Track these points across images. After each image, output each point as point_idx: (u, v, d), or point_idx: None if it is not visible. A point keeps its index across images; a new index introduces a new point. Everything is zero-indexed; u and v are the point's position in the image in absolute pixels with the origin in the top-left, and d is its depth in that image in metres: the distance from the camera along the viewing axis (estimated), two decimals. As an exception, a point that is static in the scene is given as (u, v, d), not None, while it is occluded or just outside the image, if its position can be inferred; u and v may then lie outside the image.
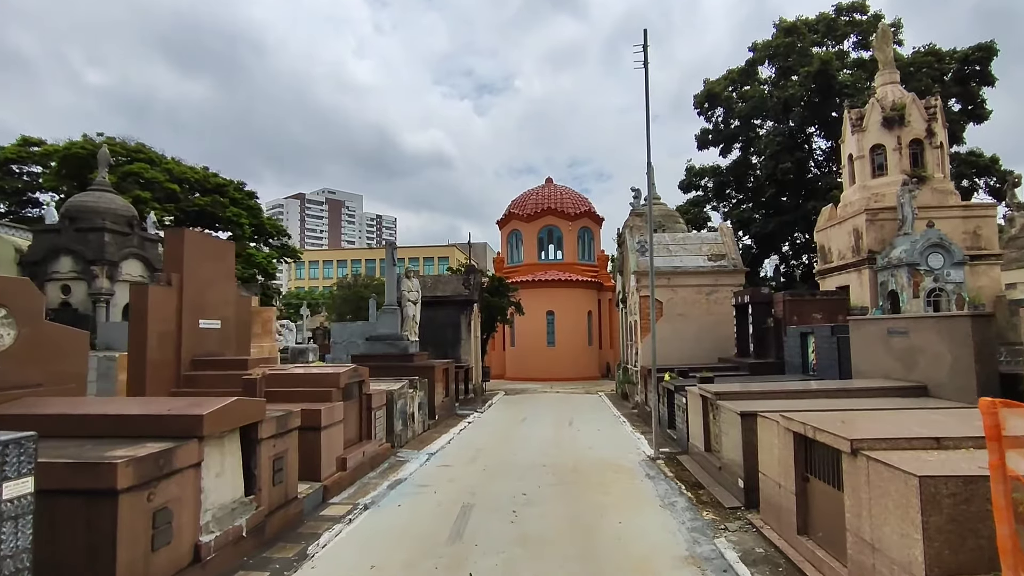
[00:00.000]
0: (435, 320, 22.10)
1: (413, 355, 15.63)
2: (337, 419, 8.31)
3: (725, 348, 17.40)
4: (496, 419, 16.54)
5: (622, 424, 15.16)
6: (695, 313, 17.74)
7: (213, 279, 9.60)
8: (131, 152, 36.18)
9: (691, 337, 17.59)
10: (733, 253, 18.54)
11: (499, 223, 38.00)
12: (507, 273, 32.70)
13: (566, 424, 15.37)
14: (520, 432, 14.03)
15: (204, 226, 38.94)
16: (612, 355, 34.09)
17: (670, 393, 12.13)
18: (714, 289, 17.85)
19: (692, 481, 8.49)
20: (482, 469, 9.85)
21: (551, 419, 16.38)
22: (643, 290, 17.91)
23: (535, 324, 31.92)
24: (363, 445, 9.42)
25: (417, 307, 16.65)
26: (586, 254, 36.47)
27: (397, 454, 10.85)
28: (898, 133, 14.98)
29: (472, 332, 22.31)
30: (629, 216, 19.63)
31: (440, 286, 23.10)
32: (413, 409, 12.77)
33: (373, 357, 15.67)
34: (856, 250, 14.92)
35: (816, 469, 5.26)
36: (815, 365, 11.99)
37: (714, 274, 17.87)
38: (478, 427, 14.97)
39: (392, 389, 11.46)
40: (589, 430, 14.24)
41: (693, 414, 9.76)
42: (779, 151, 29.28)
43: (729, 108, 33.63)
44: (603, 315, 34.38)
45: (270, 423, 6.29)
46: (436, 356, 21.25)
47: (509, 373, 32.97)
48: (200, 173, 38.29)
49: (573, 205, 36.34)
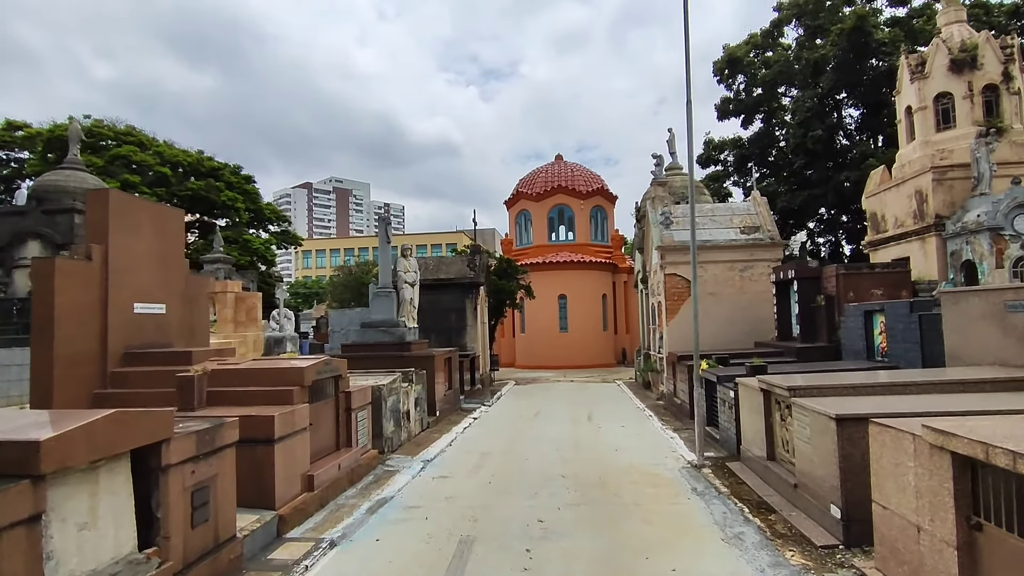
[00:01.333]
0: (438, 305, 20.28)
1: (411, 343, 13.82)
2: (300, 426, 6.50)
3: (762, 331, 15.46)
4: (505, 414, 14.73)
5: (648, 419, 13.29)
6: (727, 292, 15.79)
7: (153, 253, 7.79)
8: (120, 135, 34.48)
9: (723, 319, 15.66)
10: (769, 225, 16.54)
11: (507, 203, 36.02)
12: (516, 256, 30.76)
13: (584, 419, 13.54)
14: (532, 430, 12.21)
15: (199, 211, 37.31)
16: (628, 341, 32.20)
17: (710, 385, 10.24)
18: (748, 265, 15.88)
19: (755, 500, 6.62)
20: (487, 482, 8.03)
21: (567, 413, 14.55)
22: (669, 267, 15.98)
23: (546, 309, 30.05)
24: (340, 455, 7.62)
25: (415, 290, 14.84)
26: (599, 234, 34.45)
27: (386, 462, 9.05)
28: (968, 78, 12.88)
29: (478, 318, 20.48)
30: (650, 186, 17.66)
31: (443, 268, 21.25)
32: (408, 406, 10.97)
33: (366, 346, 13.89)
34: (919, 216, 12.91)
35: (999, 512, 3.38)
36: (884, 349, 10.05)
37: (748, 248, 15.89)
38: (484, 424, 13.16)
39: (381, 384, 9.65)
40: (612, 426, 12.40)
41: (748, 412, 7.87)
42: (809, 118, 27.06)
43: (752, 75, 31.39)
44: (618, 298, 32.44)
45: (184, 441, 4.48)
46: (439, 344, 19.46)
47: (519, 361, 31.17)
48: (194, 156, 36.56)
49: (585, 183, 34.28)
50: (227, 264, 28.69)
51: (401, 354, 13.23)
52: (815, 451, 5.60)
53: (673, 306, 15.82)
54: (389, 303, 14.36)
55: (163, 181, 34.08)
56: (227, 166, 38.20)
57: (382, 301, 14.40)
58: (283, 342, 10.79)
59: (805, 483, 5.89)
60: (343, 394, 7.94)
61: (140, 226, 7.63)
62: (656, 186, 17.39)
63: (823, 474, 5.44)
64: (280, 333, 30.88)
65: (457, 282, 20.31)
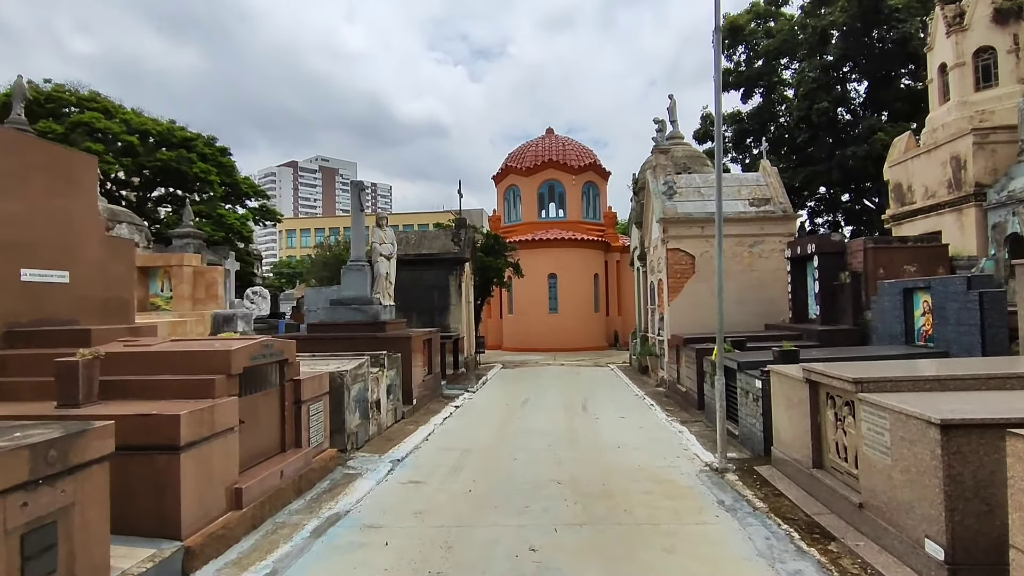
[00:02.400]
0: (419, 282, 18.78)
1: (385, 323, 12.34)
2: (224, 425, 5.04)
3: (773, 311, 14.14)
4: (491, 402, 13.33)
5: (650, 408, 11.96)
6: (735, 269, 14.42)
7: (52, 208, 6.23)
8: (83, 100, 32.35)
9: (731, 298, 14.26)
10: (780, 196, 15.15)
11: (495, 178, 34.38)
12: (505, 233, 29.17)
13: (579, 408, 12.18)
14: (521, 421, 10.82)
15: (170, 184, 35.35)
16: (621, 323, 30.92)
17: (728, 372, 8.88)
18: (758, 240, 14.51)
19: (803, 521, 5.26)
20: (467, 490, 6.62)
21: (559, 401, 13.18)
22: (672, 241, 14.57)
23: (536, 288, 28.62)
24: (284, 458, 6.17)
25: (392, 263, 13.33)
26: (591, 211, 32.96)
27: (348, 463, 7.62)
28: (1014, 30, 11.48)
29: (463, 296, 19.01)
30: (651, 154, 16.20)
31: (426, 243, 19.71)
32: (378, 395, 9.52)
33: (335, 326, 12.39)
34: (955, 184, 11.56)
35: None
36: (927, 333, 8.72)
37: (759, 221, 14.51)
38: (467, 414, 11.75)
39: (344, 370, 8.18)
40: (610, 417, 11.05)
41: (783, 407, 6.50)
42: (814, 89, 25.61)
43: (753, 46, 29.85)
44: (611, 278, 31.07)
45: (4, 462, 3.00)
46: (420, 324, 18.00)
47: (507, 343, 29.80)
48: (164, 126, 34.52)
49: (577, 157, 32.70)
50: (197, 239, 26.95)
51: (374, 335, 11.75)
52: (897, 465, 4.22)
53: (676, 284, 14.45)
54: (362, 278, 12.84)
55: (130, 151, 32.10)
56: (200, 136, 36.14)
57: (354, 276, 12.88)
58: (233, 320, 9.22)
59: (877, 505, 4.52)
60: (290, 383, 6.46)
61: (32, 172, 6.05)
62: (657, 154, 15.93)
63: (911, 497, 4.06)
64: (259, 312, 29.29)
65: (440, 258, 18.80)
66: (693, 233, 14.49)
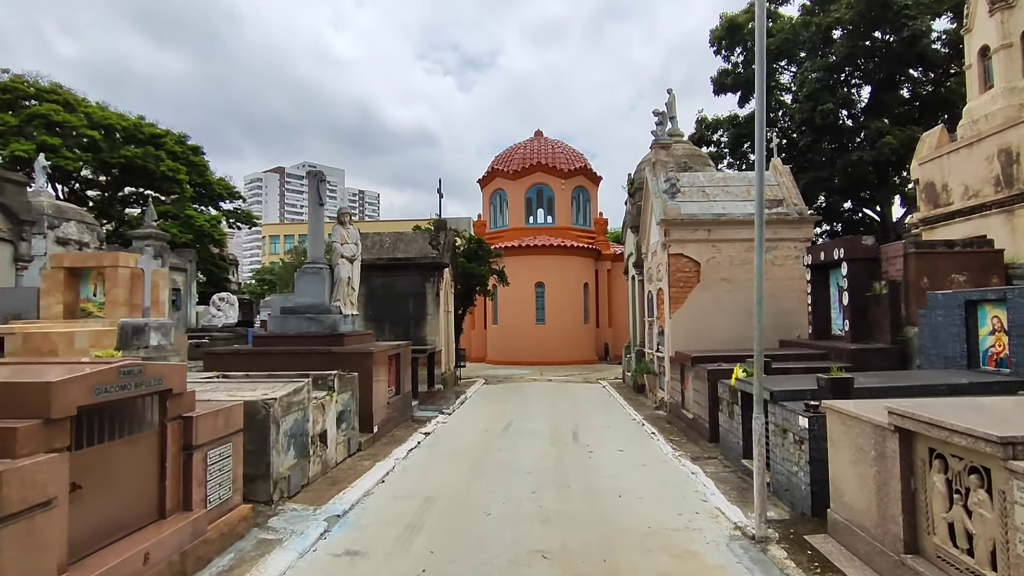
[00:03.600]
0: (393, 290, 17.02)
1: (344, 335, 10.55)
2: (33, 499, 3.26)
3: (787, 326, 12.53)
4: (467, 427, 11.56)
5: (652, 438, 10.25)
6: (744, 277, 12.82)
7: None
8: (42, 92, 30.32)
9: (740, 310, 12.68)
10: (794, 197, 13.58)
11: (480, 182, 32.70)
12: (490, 239, 27.47)
13: (569, 436, 10.45)
14: (500, 455, 9.05)
15: (134, 183, 33.33)
16: (612, 335, 29.29)
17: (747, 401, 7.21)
18: (771, 245, 12.91)
19: (907, 642, 3.56)
20: (420, 569, 4.86)
21: (547, 425, 11.45)
22: (674, 246, 12.93)
23: (522, 298, 26.91)
24: (157, 532, 4.37)
25: (355, 267, 11.56)
26: (582, 217, 31.35)
27: (270, 522, 5.82)
28: (1071, 5, 10.03)
29: (441, 306, 17.25)
30: (651, 149, 14.60)
31: (401, 247, 17.95)
32: (324, 424, 7.73)
33: (285, 339, 10.59)
34: (1004, 182, 10.05)
35: None
36: (999, 355, 7.10)
37: (771, 225, 12.92)
38: (438, 444, 9.96)
39: (270, 398, 6.39)
40: (607, 449, 9.33)
41: (851, 460, 4.81)
42: (818, 90, 24.23)
43: (751, 47, 28.51)
44: (601, 288, 29.44)
45: None
46: (393, 336, 16.24)
47: (491, 356, 28.01)
48: (130, 121, 32.48)
49: (566, 160, 31.12)
50: (160, 241, 25.05)
51: (330, 349, 9.96)
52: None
53: (678, 294, 12.80)
54: (318, 283, 11.05)
55: (92, 147, 30.12)
56: (169, 133, 34.17)
57: (309, 280, 11.09)
58: (144, 332, 7.35)
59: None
60: (176, 422, 4.67)
61: None
62: (657, 149, 14.34)
63: None
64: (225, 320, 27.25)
65: (416, 263, 17.04)
66: (698, 237, 12.86)
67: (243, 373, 8.17)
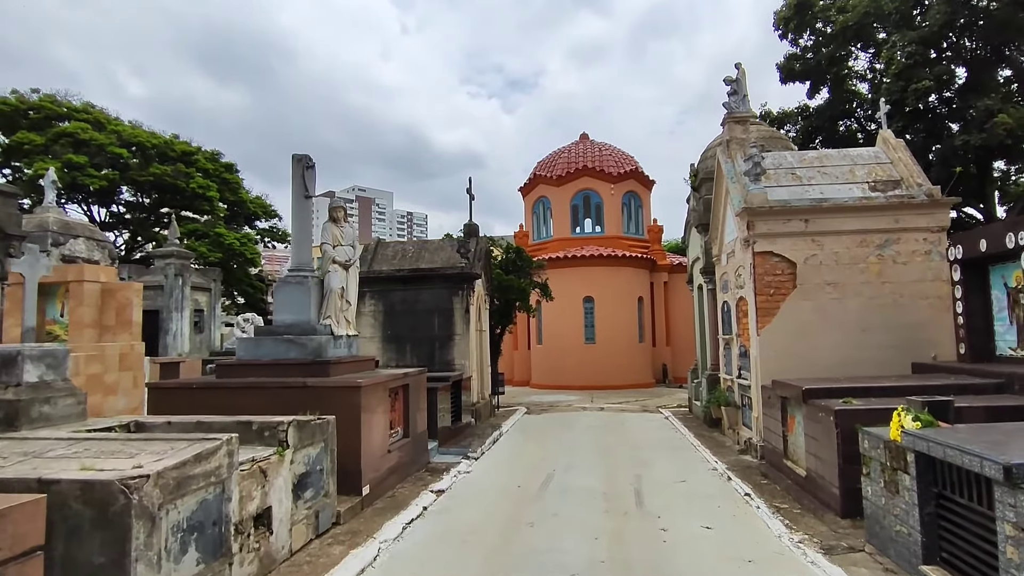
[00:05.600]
0: (415, 306, 14.58)
1: (330, 362, 8.07)
2: None
3: (920, 343, 9.40)
4: (494, 481, 8.84)
5: (747, 503, 7.31)
6: (854, 281, 9.77)
7: None
8: (74, 112, 29.60)
9: (852, 324, 9.63)
10: (916, 176, 10.47)
11: (522, 190, 30.21)
12: (533, 251, 24.85)
13: (631, 498, 7.62)
14: (533, 536, 6.30)
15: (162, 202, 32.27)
16: (670, 355, 26.11)
17: (927, 469, 4.31)
18: (891, 238, 9.83)
19: None
20: None
21: (599, 479, 8.64)
22: (761, 242, 10.00)
23: (569, 314, 24.11)
24: None
25: (351, 275, 9.11)
26: (633, 225, 28.41)
27: None
28: None
29: (472, 324, 14.69)
30: (725, 125, 11.72)
31: (425, 255, 15.52)
32: (263, 502, 5.18)
33: (256, 368, 8.19)
34: None
35: None
36: None
37: (889, 211, 9.85)
38: (447, 513, 7.27)
39: (135, 476, 3.87)
40: (686, 525, 6.47)
41: None
42: (910, 66, 20.77)
43: (821, 29, 25.23)
44: (657, 302, 26.36)
45: None
46: (417, 360, 13.79)
47: (536, 379, 25.23)
48: (161, 139, 31.45)
49: (615, 163, 28.33)
50: (182, 259, 23.45)
51: (304, 382, 7.48)
52: None
53: (768, 304, 9.83)
54: (302, 296, 8.64)
55: (121, 165, 29.17)
56: (201, 150, 33.08)
57: (290, 292, 8.69)
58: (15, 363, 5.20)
59: None
60: None
61: None
62: (732, 124, 11.48)
63: None
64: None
65: (443, 273, 14.56)
66: (792, 229, 9.91)
67: (164, 421, 5.74)
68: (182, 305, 23.35)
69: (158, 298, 22.77)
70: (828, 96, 26.69)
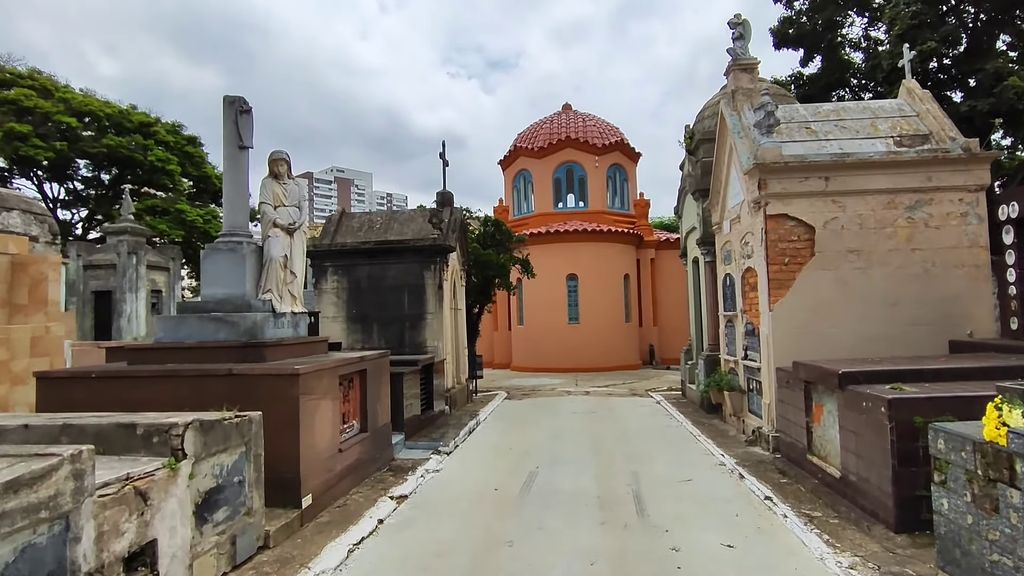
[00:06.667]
0: (383, 282, 13.14)
1: (267, 345, 6.64)
2: None
3: (956, 319, 8.22)
4: (468, 483, 7.50)
5: (770, 509, 6.06)
6: (881, 248, 8.53)
7: None
8: (17, 77, 27.35)
9: (878, 297, 8.41)
10: (948, 129, 9.23)
11: (502, 163, 28.67)
12: (513, 227, 23.36)
13: (630, 504, 6.32)
14: (514, 555, 4.98)
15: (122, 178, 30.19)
16: (657, 335, 24.96)
17: None
18: (923, 198, 8.59)
19: None
20: None
21: (590, 479, 7.33)
22: (775, 203, 8.69)
23: (551, 293, 22.79)
24: None
25: (296, 241, 7.64)
26: (619, 199, 27.06)
27: None
28: None
29: (446, 302, 13.28)
30: (729, 74, 10.32)
31: (395, 227, 14.03)
32: (142, 535, 3.79)
33: (178, 352, 6.72)
34: None
35: None
36: None
37: (920, 168, 8.59)
38: (408, 529, 5.90)
39: None
40: (702, 541, 5.18)
41: None
42: (915, 27, 19.54)
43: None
44: (644, 280, 25.13)
45: None
46: (384, 342, 12.41)
47: (517, 361, 23.95)
48: (115, 108, 29.26)
49: (600, 134, 26.88)
50: (136, 236, 21.66)
51: (230, 370, 6.04)
52: None
53: (782, 276, 8.56)
54: (235, 265, 7.17)
55: (71, 136, 27.07)
56: (160, 121, 30.96)
57: (221, 261, 7.21)
58: None
59: None
60: None
61: None
62: (737, 72, 10.11)
63: None
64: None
65: (413, 246, 13.10)
66: (810, 189, 8.61)
67: (21, 423, 4.30)
68: (137, 285, 21.59)
69: (111, 278, 21.03)
70: (821, 64, 25.47)
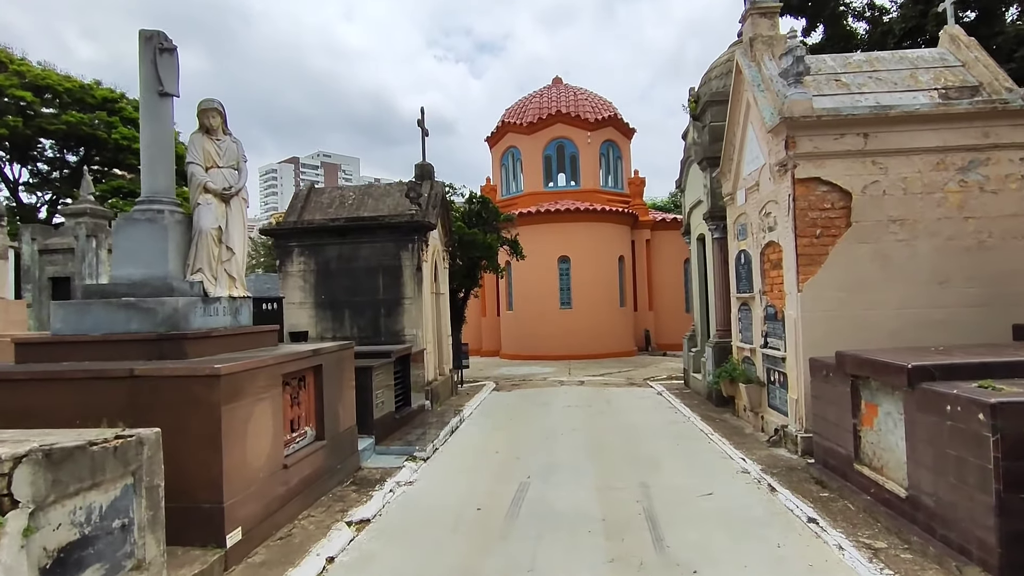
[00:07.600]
0: (354, 263, 11.78)
1: (187, 337, 5.30)
2: None
3: (1021, 297, 7.01)
4: (444, 501, 6.21)
5: (816, 535, 4.83)
6: (928, 216, 7.29)
7: None
8: (-33, 49, 25.49)
9: (924, 275, 7.19)
10: (1003, 79, 7.96)
11: (489, 140, 27.19)
12: (502, 207, 21.96)
13: (643, 529, 5.05)
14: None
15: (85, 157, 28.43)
16: (653, 320, 23.77)
17: None
18: (978, 158, 7.34)
19: None
20: None
21: (590, 493, 6.05)
22: (805, 164, 7.40)
23: (542, 276, 21.48)
24: None
25: (233, 209, 6.27)
26: (612, 178, 25.70)
27: None
28: None
29: (426, 285, 11.95)
30: (746, 20, 8.94)
31: (369, 203, 12.63)
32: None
33: (78, 347, 5.35)
34: None
35: None
36: None
37: (979, 120, 7.33)
38: (365, 571, 4.64)
39: None
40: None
41: None
42: (929, -12, 18.23)
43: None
44: (639, 262, 23.87)
45: None
46: (357, 332, 11.10)
47: (506, 349, 22.69)
48: (76, 83, 27.40)
49: (592, 109, 25.45)
50: (97, 218, 20.03)
51: (133, 370, 4.70)
52: None
53: (813, 250, 7.30)
54: (154, 239, 5.80)
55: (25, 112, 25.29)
56: (125, 97, 29.09)
57: (136, 234, 5.84)
58: None
59: None
60: None
61: None
62: (757, 18, 8.77)
63: None
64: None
65: (388, 223, 11.72)
66: (846, 147, 7.33)
67: None
68: (98, 271, 20.01)
69: (69, 263, 19.46)
70: (824, 34, 24.18)
